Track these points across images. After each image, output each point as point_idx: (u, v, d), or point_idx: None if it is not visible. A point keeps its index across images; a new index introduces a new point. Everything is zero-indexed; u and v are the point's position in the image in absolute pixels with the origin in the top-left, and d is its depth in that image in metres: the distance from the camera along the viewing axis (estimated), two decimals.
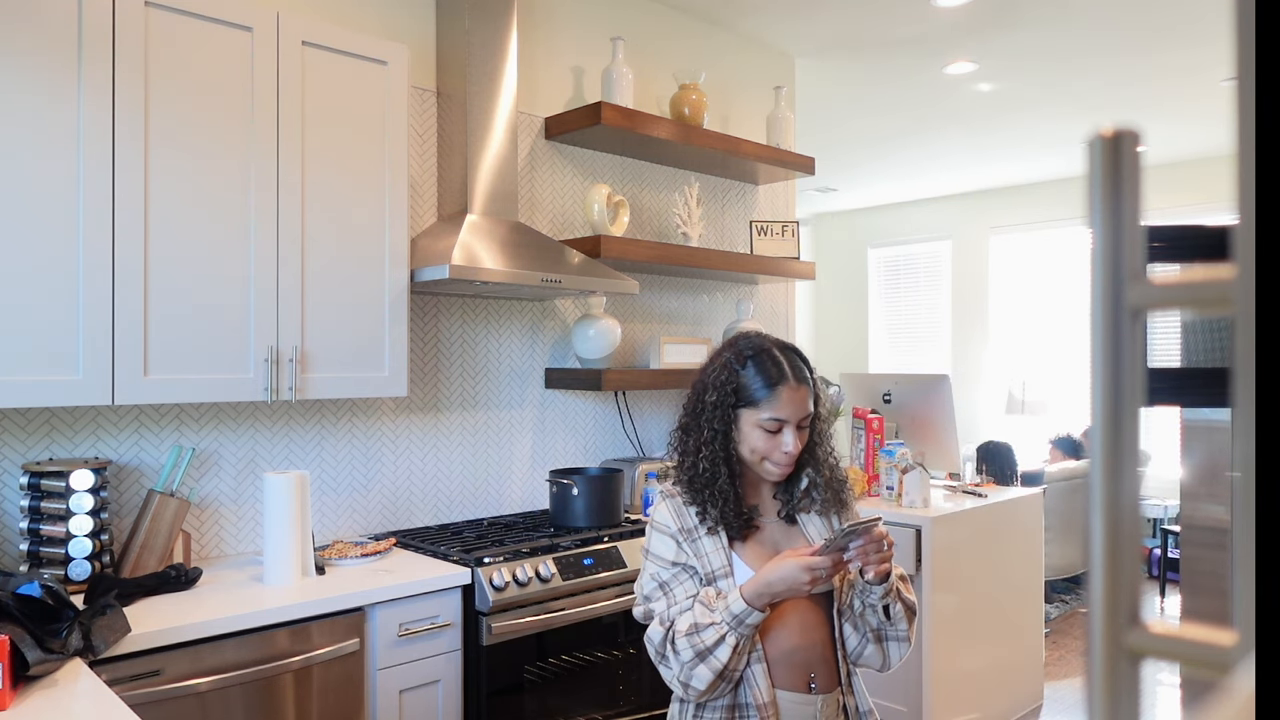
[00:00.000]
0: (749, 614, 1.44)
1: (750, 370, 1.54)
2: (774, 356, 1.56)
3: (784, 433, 1.54)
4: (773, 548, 1.58)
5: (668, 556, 1.55)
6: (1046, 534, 4.34)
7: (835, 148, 5.87)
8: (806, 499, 1.62)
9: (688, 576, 1.53)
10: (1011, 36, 3.96)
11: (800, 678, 1.53)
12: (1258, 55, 0.29)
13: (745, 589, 1.45)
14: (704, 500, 1.55)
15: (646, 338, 3.44)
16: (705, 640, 1.44)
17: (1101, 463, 0.33)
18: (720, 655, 1.44)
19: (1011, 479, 5.07)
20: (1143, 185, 0.32)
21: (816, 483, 1.62)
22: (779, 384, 1.53)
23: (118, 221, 2.01)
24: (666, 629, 1.49)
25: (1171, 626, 0.32)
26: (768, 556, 1.55)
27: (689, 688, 1.47)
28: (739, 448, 1.56)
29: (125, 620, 1.80)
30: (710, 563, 1.53)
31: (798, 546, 1.57)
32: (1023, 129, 5.48)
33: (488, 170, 2.83)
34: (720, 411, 1.55)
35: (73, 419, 2.24)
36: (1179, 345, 2.32)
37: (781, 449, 1.54)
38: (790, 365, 1.56)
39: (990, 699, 3.50)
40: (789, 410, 1.53)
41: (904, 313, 8.04)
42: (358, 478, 2.74)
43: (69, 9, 1.94)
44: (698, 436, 1.57)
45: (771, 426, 1.53)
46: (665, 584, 1.54)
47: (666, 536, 1.56)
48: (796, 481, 1.63)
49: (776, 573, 1.45)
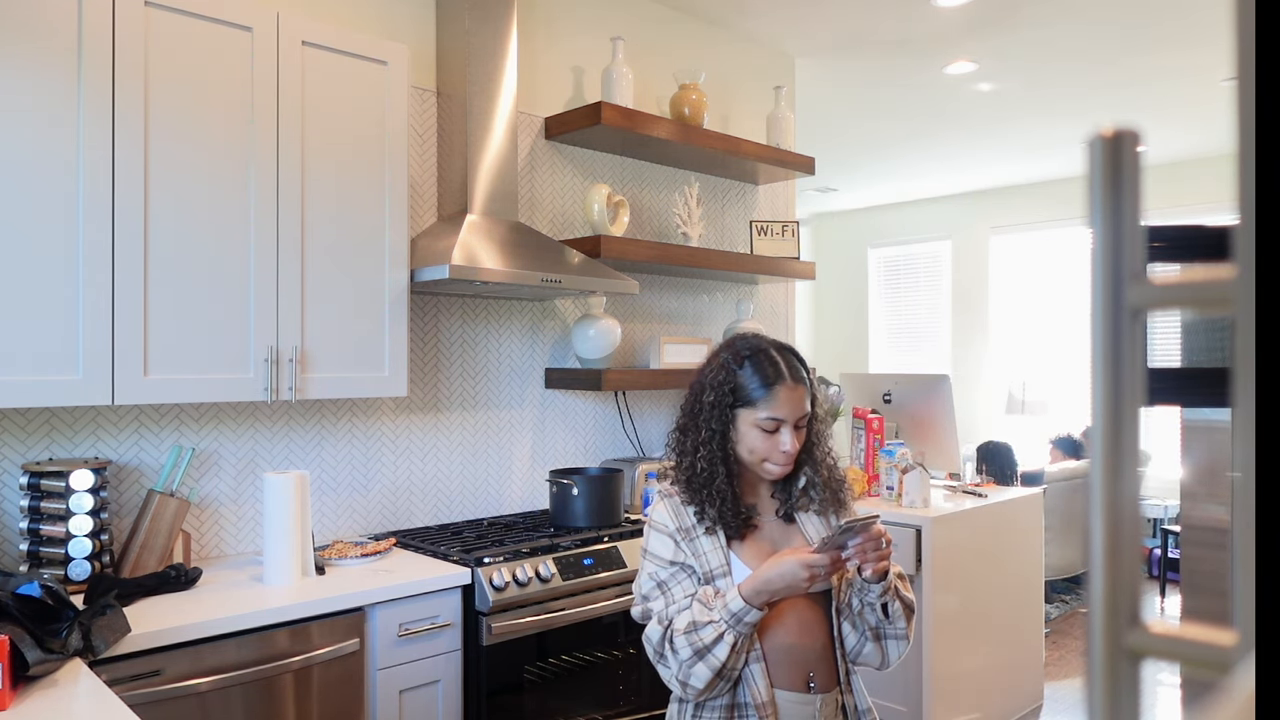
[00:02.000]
0: (747, 612, 1.44)
1: (748, 370, 1.55)
2: (771, 357, 1.56)
3: (781, 432, 1.54)
4: (771, 547, 1.58)
5: (666, 556, 1.55)
6: (1046, 534, 4.34)
7: (835, 148, 5.87)
8: (804, 498, 1.62)
9: (686, 576, 1.53)
10: (1011, 36, 3.96)
11: (799, 677, 1.53)
12: (1258, 55, 0.29)
13: (743, 587, 1.46)
14: (702, 500, 1.55)
15: (646, 338, 3.44)
16: (704, 638, 1.44)
17: (1101, 463, 0.33)
18: (719, 653, 1.44)
19: (1011, 479, 5.08)
20: (1143, 185, 0.32)
21: (814, 482, 1.62)
22: (776, 384, 1.53)
23: (118, 221, 2.01)
24: (665, 628, 1.49)
25: (1171, 626, 0.32)
26: (766, 555, 1.55)
27: (687, 686, 1.47)
28: (737, 447, 1.56)
29: (125, 620, 1.80)
30: (708, 562, 1.53)
31: (796, 545, 1.58)
32: (1023, 129, 5.48)
33: (488, 170, 2.83)
34: (718, 411, 1.55)
35: (73, 419, 2.24)
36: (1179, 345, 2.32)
37: (779, 449, 1.54)
38: (787, 365, 1.56)
39: (990, 699, 3.50)
40: (786, 410, 1.54)
41: (904, 313, 8.04)
42: (357, 478, 2.74)
43: (69, 9, 1.94)
44: (695, 436, 1.57)
45: (769, 426, 1.54)
46: (663, 583, 1.54)
47: (664, 536, 1.57)
48: (794, 481, 1.63)
49: (775, 570, 1.45)
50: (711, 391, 1.56)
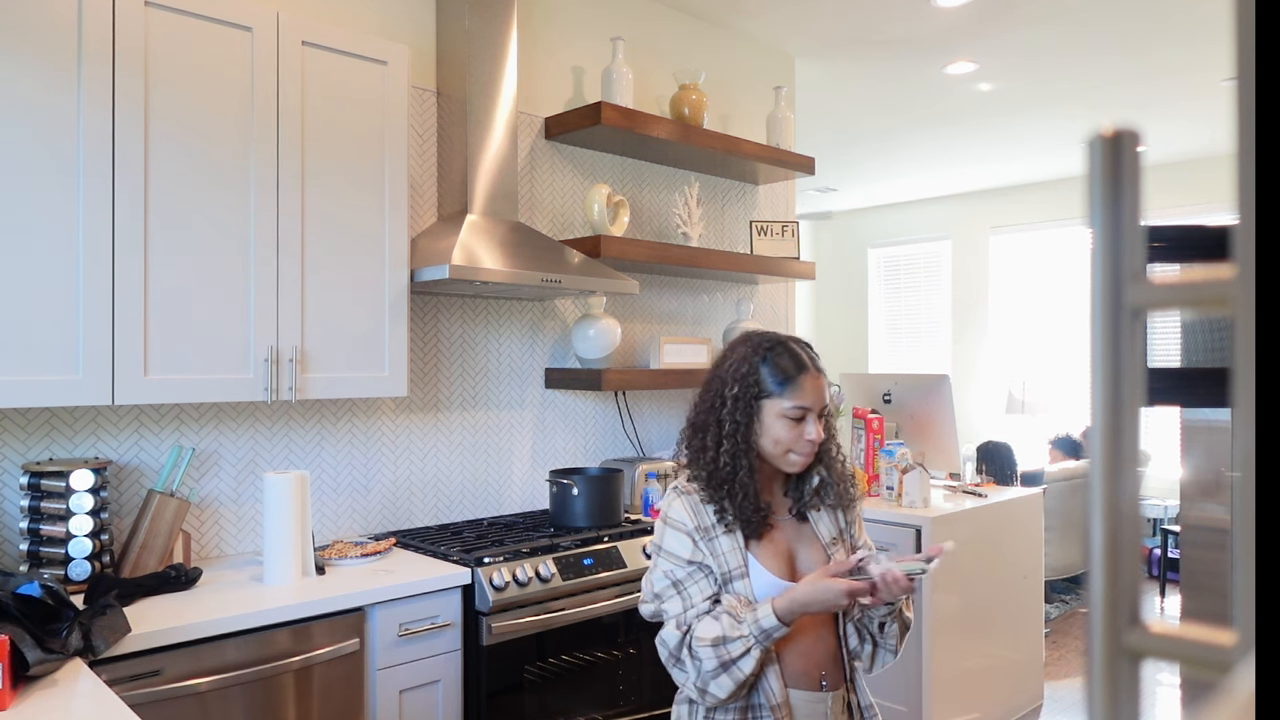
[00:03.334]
0: (778, 630, 1.44)
1: (771, 361, 1.56)
2: (791, 348, 1.58)
3: (807, 421, 1.55)
4: (786, 547, 1.58)
5: (683, 555, 1.54)
6: (1046, 534, 4.34)
7: (835, 148, 5.87)
8: (817, 497, 1.63)
9: (703, 575, 1.52)
10: (1011, 36, 3.96)
11: (813, 676, 1.54)
12: (1258, 55, 0.29)
13: (778, 605, 1.45)
14: (722, 496, 1.54)
15: (646, 338, 3.44)
16: (731, 653, 1.44)
17: (1101, 463, 0.33)
18: (745, 667, 1.44)
19: (1011, 479, 5.07)
20: (1143, 185, 0.32)
21: (827, 481, 1.62)
22: (801, 373, 1.55)
23: (118, 221, 2.01)
24: (684, 633, 1.48)
25: (1171, 626, 0.32)
26: (782, 556, 1.56)
27: (706, 694, 1.47)
28: (760, 440, 1.56)
29: (125, 620, 1.80)
30: (726, 562, 1.52)
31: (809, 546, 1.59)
32: (1023, 129, 5.48)
33: (488, 170, 2.83)
34: (743, 404, 1.55)
35: (73, 419, 2.24)
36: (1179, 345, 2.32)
37: (804, 438, 1.54)
38: (808, 355, 1.59)
39: (990, 699, 3.50)
40: (812, 398, 1.55)
41: (904, 313, 8.04)
42: (357, 478, 2.74)
43: (69, 9, 1.94)
44: (717, 431, 1.56)
45: (795, 414, 1.54)
46: (680, 582, 1.53)
47: (682, 534, 1.55)
48: (807, 479, 1.63)
49: (814, 593, 1.44)
50: (735, 384, 1.56)
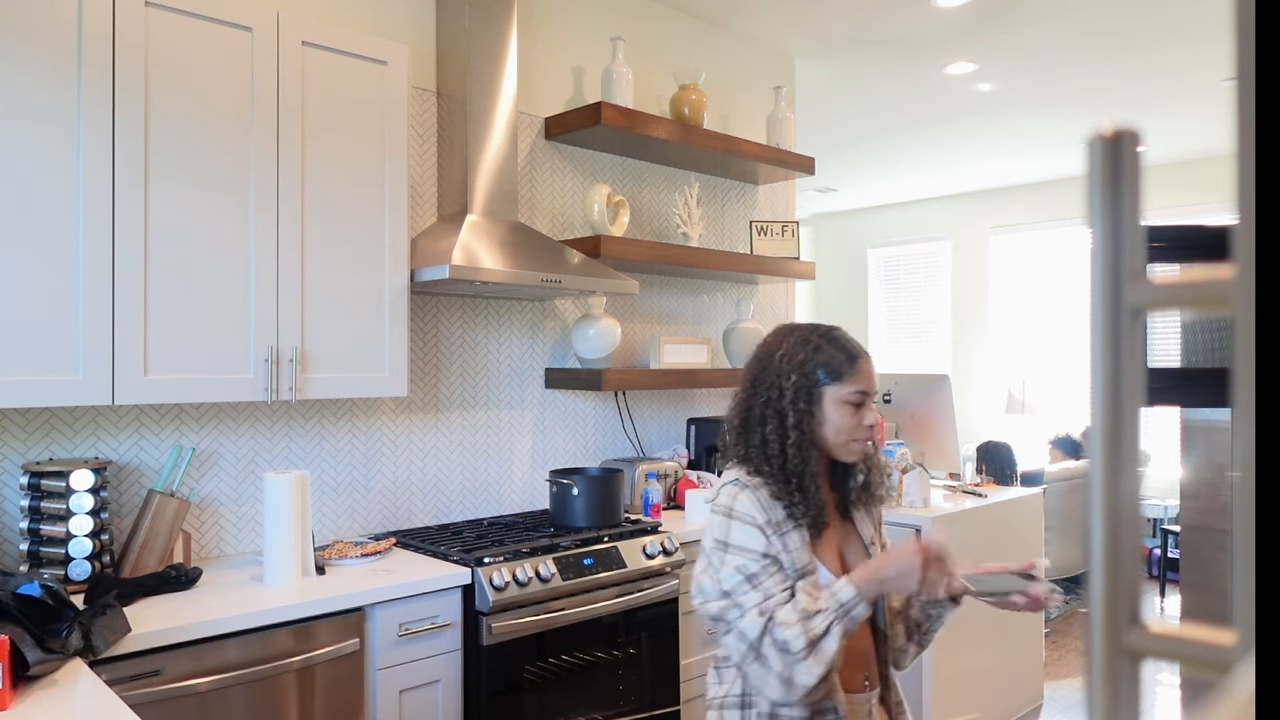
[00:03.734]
0: (856, 603, 1.40)
1: (828, 348, 1.54)
2: (839, 334, 1.58)
3: (865, 407, 1.54)
4: (838, 545, 1.57)
5: (756, 548, 1.47)
6: (1046, 534, 4.34)
7: (835, 148, 5.87)
8: (865, 492, 1.62)
9: (777, 569, 1.47)
10: (1011, 36, 3.96)
11: (858, 676, 1.53)
12: (1258, 55, 0.29)
13: (855, 577, 1.41)
14: (793, 489, 1.50)
15: (646, 338, 3.44)
16: (816, 628, 1.38)
17: (1101, 463, 0.33)
18: (829, 646, 1.38)
19: (1011, 479, 5.07)
20: (1143, 185, 0.32)
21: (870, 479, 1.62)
22: (860, 356, 1.55)
23: (118, 221, 2.01)
24: (766, 620, 1.41)
25: (1171, 626, 0.32)
26: (835, 554, 1.55)
27: (793, 685, 1.39)
28: (821, 429, 1.53)
29: (125, 620, 1.80)
30: (798, 559, 1.48)
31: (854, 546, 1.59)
32: (1023, 129, 5.48)
33: (488, 170, 2.83)
34: (804, 393, 1.52)
35: (73, 419, 2.24)
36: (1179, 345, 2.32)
37: (864, 423, 1.53)
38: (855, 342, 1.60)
39: (990, 699, 3.50)
40: (870, 382, 1.55)
41: (904, 313, 8.04)
42: (358, 478, 2.74)
43: (69, 9, 1.94)
44: (779, 424, 1.52)
45: (856, 399, 1.52)
46: (754, 576, 1.45)
47: (752, 528, 1.48)
48: (852, 475, 1.62)
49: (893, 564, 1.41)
50: (794, 374, 1.53)
